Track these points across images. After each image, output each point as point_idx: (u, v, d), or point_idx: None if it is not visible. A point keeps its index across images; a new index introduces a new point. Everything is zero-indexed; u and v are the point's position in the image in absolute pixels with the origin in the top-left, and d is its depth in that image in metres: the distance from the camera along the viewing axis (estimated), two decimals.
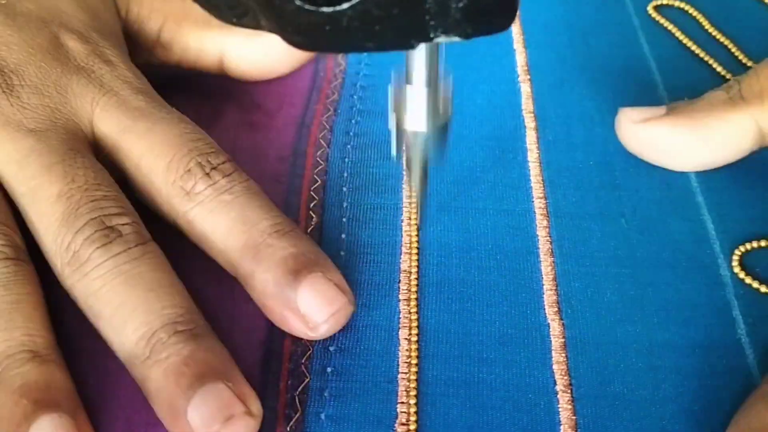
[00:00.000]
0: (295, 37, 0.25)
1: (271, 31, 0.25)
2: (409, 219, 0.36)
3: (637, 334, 0.32)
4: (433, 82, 0.28)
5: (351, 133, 0.40)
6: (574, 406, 0.30)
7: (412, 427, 0.29)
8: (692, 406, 0.30)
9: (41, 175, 0.32)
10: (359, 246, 0.35)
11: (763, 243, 0.34)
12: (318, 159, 0.38)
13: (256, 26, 0.26)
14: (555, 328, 0.32)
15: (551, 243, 0.35)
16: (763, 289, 0.33)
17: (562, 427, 0.29)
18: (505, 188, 0.37)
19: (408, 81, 0.29)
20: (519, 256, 0.34)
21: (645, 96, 0.41)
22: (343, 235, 0.35)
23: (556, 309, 0.33)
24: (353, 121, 0.40)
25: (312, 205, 0.36)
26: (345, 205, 0.36)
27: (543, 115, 0.41)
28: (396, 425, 0.29)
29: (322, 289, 0.31)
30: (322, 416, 0.30)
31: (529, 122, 0.40)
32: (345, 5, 0.23)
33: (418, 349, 0.31)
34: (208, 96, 0.42)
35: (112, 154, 0.34)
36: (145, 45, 0.40)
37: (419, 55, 0.28)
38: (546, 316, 0.32)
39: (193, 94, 0.41)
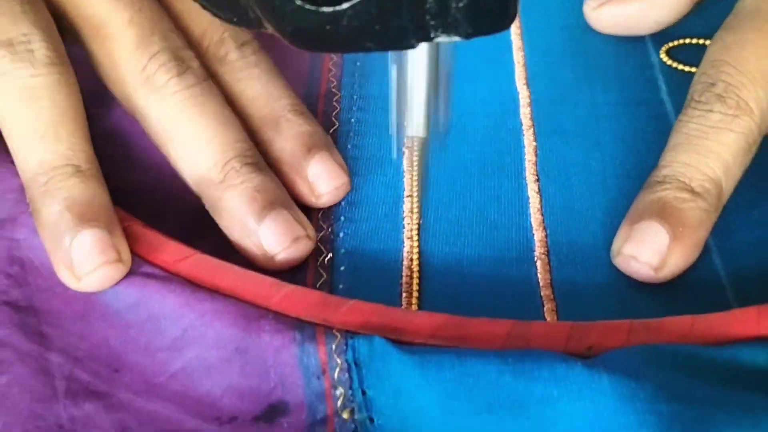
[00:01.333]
0: (295, 37, 0.25)
1: (270, 30, 0.26)
2: None
3: (585, 99, 0.42)
4: (433, 87, 0.30)
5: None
6: (536, 148, 0.40)
7: (416, 165, 0.39)
8: (631, 143, 0.40)
9: (111, 5, 0.34)
10: None
11: (684, 40, 0.45)
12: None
13: (255, 25, 0.26)
14: (525, 110, 0.42)
15: (525, 70, 0.44)
16: (680, 67, 0.43)
17: (526, 166, 0.39)
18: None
19: (408, 85, 0.30)
20: (498, 76, 0.44)
21: None
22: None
23: (528, 101, 0.42)
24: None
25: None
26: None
27: None
28: (403, 170, 0.39)
29: (329, 166, 0.36)
30: (349, 146, 0.40)
31: None
32: (345, 5, 0.24)
33: None
34: None
35: None
36: None
37: (420, 58, 0.29)
38: (521, 120, 0.42)
39: None
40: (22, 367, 0.31)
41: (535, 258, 0.35)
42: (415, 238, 0.36)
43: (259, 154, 0.35)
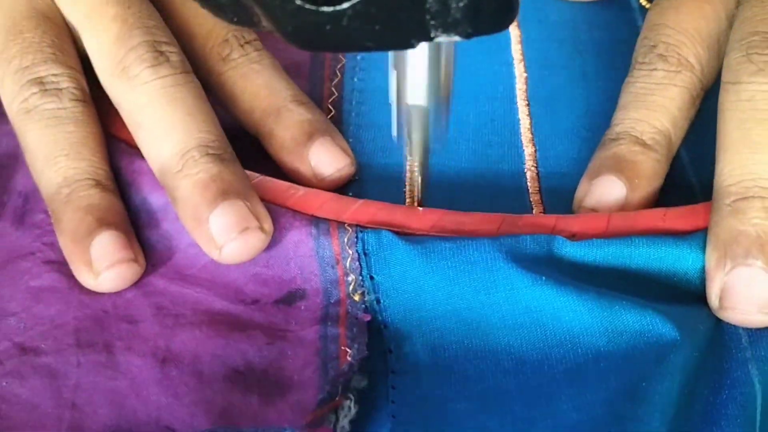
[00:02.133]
0: (295, 37, 0.25)
1: (271, 30, 0.26)
2: None
3: (570, 37, 0.46)
4: (434, 53, 0.30)
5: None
6: (526, 78, 0.44)
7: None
8: (612, 74, 0.43)
9: (100, 2, 0.36)
10: None
11: None
12: None
13: (256, 25, 0.26)
14: (516, 47, 0.46)
15: None
16: None
17: (517, 93, 0.43)
18: None
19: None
20: None
21: None
22: None
23: (519, 39, 0.46)
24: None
25: None
26: None
27: None
28: None
29: (330, 149, 0.37)
30: (355, 79, 0.44)
31: None
32: (345, 5, 0.24)
33: None
34: None
35: None
36: None
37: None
38: (512, 55, 0.45)
39: None
40: None
41: (525, 170, 0.39)
42: None
43: (229, 147, 0.35)
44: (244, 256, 0.33)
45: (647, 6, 0.47)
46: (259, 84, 0.38)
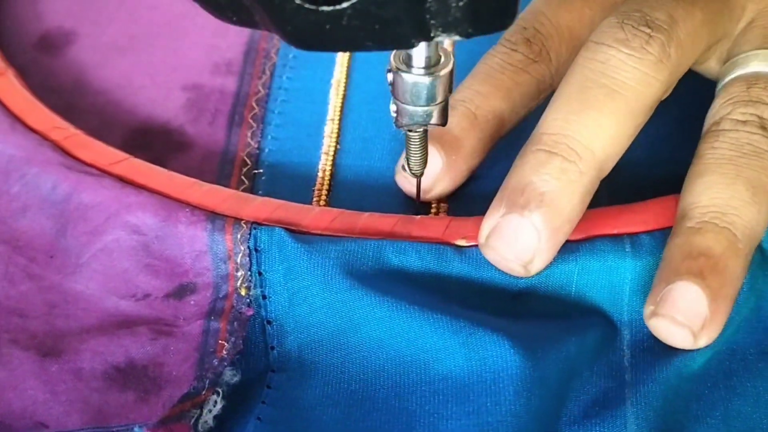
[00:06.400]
0: (294, 37, 0.25)
1: (270, 30, 0.25)
2: None
3: None
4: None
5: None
6: None
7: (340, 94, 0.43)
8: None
9: None
10: None
11: None
12: None
13: (255, 25, 0.26)
14: None
15: None
16: None
17: None
18: None
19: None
20: None
21: None
22: None
23: None
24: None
25: None
26: None
27: None
28: (328, 98, 0.43)
29: None
30: (283, 77, 0.44)
31: None
32: (345, 4, 0.23)
33: None
34: None
35: None
36: None
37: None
38: None
39: None
40: None
41: None
42: (331, 153, 0.40)
43: None
44: None
45: None
46: None
